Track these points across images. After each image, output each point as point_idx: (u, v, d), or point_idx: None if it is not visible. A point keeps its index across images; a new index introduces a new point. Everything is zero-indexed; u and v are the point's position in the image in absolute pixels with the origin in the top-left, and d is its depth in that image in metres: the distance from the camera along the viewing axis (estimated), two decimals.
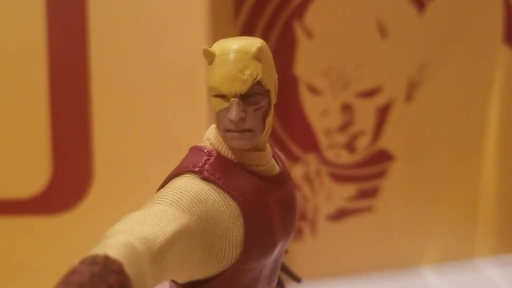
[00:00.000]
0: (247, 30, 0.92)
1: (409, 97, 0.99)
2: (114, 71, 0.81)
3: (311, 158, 0.98)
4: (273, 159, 0.40)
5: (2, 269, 0.84)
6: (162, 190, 0.35)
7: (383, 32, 0.96)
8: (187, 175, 0.36)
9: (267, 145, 0.40)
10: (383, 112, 0.98)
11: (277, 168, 0.40)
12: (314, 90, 0.96)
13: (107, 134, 0.83)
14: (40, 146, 0.83)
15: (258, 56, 0.36)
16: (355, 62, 0.95)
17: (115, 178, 0.84)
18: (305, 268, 1.01)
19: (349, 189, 1.00)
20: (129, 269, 0.27)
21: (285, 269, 0.48)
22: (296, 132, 0.97)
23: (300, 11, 0.93)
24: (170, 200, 0.33)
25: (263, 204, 0.37)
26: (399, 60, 0.97)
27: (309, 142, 0.97)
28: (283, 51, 0.94)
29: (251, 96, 0.36)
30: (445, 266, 1.06)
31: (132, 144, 0.82)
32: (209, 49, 0.37)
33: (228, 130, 0.36)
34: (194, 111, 0.79)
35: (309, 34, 0.94)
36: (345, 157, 0.99)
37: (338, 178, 0.99)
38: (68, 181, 0.84)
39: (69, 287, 0.25)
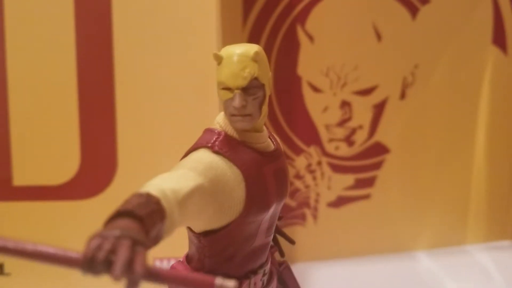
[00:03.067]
0: (254, 35, 1.00)
1: (403, 95, 1.05)
2: (136, 73, 0.90)
3: (313, 151, 1.06)
4: (269, 139, 0.50)
5: None
6: (183, 160, 0.45)
7: (379, 35, 1.02)
8: (202, 149, 0.46)
9: (264, 127, 0.49)
10: (379, 109, 1.04)
11: (272, 146, 0.50)
12: (315, 89, 1.03)
13: (130, 128, 0.91)
14: (71, 140, 0.91)
15: (255, 58, 0.46)
16: (353, 63, 1.01)
17: (136, 167, 0.92)
18: (307, 250, 1.09)
19: (348, 179, 1.07)
20: (164, 203, 0.36)
21: (281, 233, 0.57)
22: (300, 126, 1.04)
23: (302, 17, 0.99)
24: (189, 167, 0.43)
25: (260, 173, 0.46)
26: (394, 61, 1.03)
27: (311, 136, 1.04)
28: (287, 53, 1.00)
29: (250, 88, 0.46)
30: (438, 251, 1.13)
31: (151, 136, 0.91)
32: (218, 53, 0.47)
33: (233, 115, 0.46)
34: (206, 106, 0.87)
35: (310, 38, 1.01)
36: (344, 150, 1.06)
37: (338, 168, 1.06)
38: (94, 170, 0.92)
39: (122, 207, 0.34)
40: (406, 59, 1.04)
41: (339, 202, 1.08)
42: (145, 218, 0.33)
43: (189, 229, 0.47)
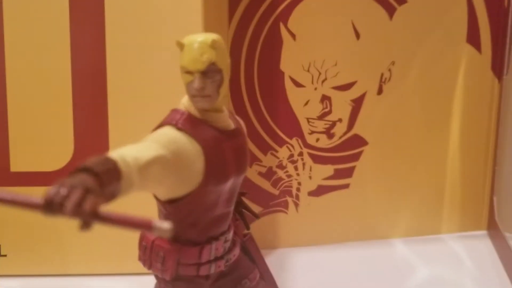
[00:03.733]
0: (239, 32, 1.05)
1: (380, 91, 1.10)
2: (126, 66, 0.95)
3: (295, 142, 1.11)
4: (229, 120, 0.56)
5: (32, 230, 0.99)
6: (149, 135, 0.51)
7: (357, 33, 1.06)
8: (167, 126, 0.52)
9: (224, 108, 0.55)
10: (358, 103, 1.09)
11: (232, 126, 0.56)
12: (297, 84, 1.08)
13: (121, 117, 0.97)
14: (65, 129, 0.97)
15: (213, 46, 0.52)
16: (333, 59, 1.06)
17: None
18: (290, 236, 1.15)
19: (328, 169, 1.12)
20: (121, 165, 0.42)
21: (247, 208, 0.63)
22: (282, 119, 1.09)
23: (285, 16, 1.04)
24: (153, 139, 0.49)
25: (219, 148, 0.53)
26: (372, 58, 1.07)
27: (293, 128, 1.09)
28: (270, 50, 1.05)
29: (208, 72, 0.52)
30: (413, 239, 1.18)
31: (142, 124, 0.96)
32: (180, 41, 0.53)
33: (194, 96, 0.52)
34: None
35: (293, 35, 1.05)
36: (324, 142, 1.11)
37: (318, 159, 1.11)
38: (87, 157, 0.99)
39: (82, 164, 0.39)
40: (383, 56, 1.09)
41: (320, 191, 1.13)
42: (101, 174, 0.38)
43: (156, 198, 0.53)
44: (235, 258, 0.58)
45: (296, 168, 1.12)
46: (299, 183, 1.12)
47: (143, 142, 0.49)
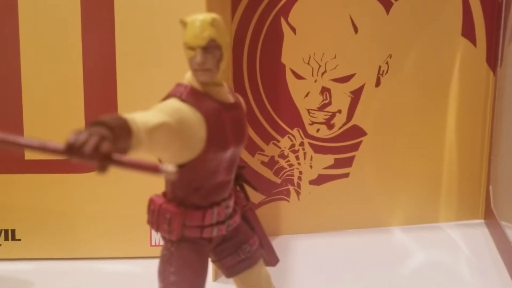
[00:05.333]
0: (242, 27, 1.08)
1: (378, 83, 1.13)
2: (135, 58, 1.00)
3: (296, 133, 1.14)
4: (229, 94, 0.60)
5: (45, 215, 1.04)
6: (155, 105, 0.55)
7: (355, 27, 1.10)
8: (172, 98, 0.57)
9: (224, 83, 0.60)
10: (356, 95, 1.13)
11: (232, 100, 0.60)
12: (298, 76, 1.11)
13: (130, 106, 1.01)
14: (77, 121, 1.00)
15: (212, 24, 0.57)
16: (332, 52, 1.10)
17: None
18: (291, 224, 1.18)
19: (328, 159, 1.16)
20: (131, 124, 0.46)
21: (246, 181, 0.67)
22: (284, 110, 1.12)
23: (285, 11, 1.08)
24: (159, 109, 0.54)
25: (219, 118, 0.57)
26: (370, 51, 1.11)
27: (295, 119, 1.13)
28: (272, 43, 1.09)
29: (209, 48, 0.57)
30: (411, 227, 1.21)
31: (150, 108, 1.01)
32: (184, 19, 0.57)
33: (195, 70, 0.57)
34: None
35: (293, 29, 1.09)
36: (324, 132, 1.15)
37: (319, 149, 1.15)
38: None
39: (97, 119, 0.43)
40: (380, 50, 1.12)
41: (320, 180, 1.17)
42: (114, 128, 0.43)
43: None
44: (236, 225, 0.62)
45: (297, 158, 1.15)
46: (301, 172, 1.16)
47: (151, 111, 0.53)
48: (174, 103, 0.56)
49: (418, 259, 1.08)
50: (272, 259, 0.67)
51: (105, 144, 0.39)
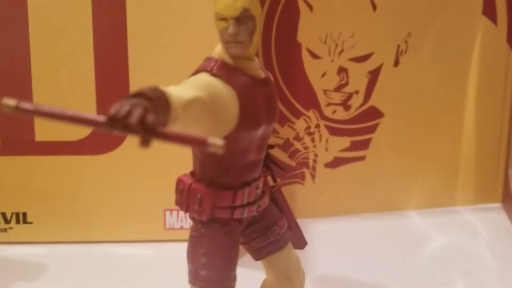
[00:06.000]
0: None
1: (396, 62, 1.11)
2: (148, 31, 0.98)
3: (312, 114, 1.12)
4: (260, 69, 0.58)
5: (57, 197, 1.02)
6: (184, 81, 0.53)
7: (374, 5, 1.07)
8: (202, 73, 0.54)
9: (255, 58, 0.57)
10: (374, 75, 1.10)
11: (263, 75, 0.58)
12: (314, 55, 1.09)
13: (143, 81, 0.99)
14: (88, 101, 0.99)
15: None
16: (349, 31, 1.07)
17: None
18: (305, 208, 1.17)
19: (344, 141, 1.14)
20: (169, 97, 0.44)
21: (273, 161, 0.65)
22: (299, 91, 1.10)
23: None
24: (190, 83, 0.51)
25: (251, 94, 0.55)
26: (388, 29, 1.08)
27: (310, 100, 1.10)
28: (287, 21, 1.06)
29: (242, 19, 0.54)
30: (428, 210, 1.20)
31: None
32: None
33: (227, 42, 0.54)
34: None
35: (310, 7, 1.06)
36: (341, 114, 1.12)
37: (335, 131, 1.13)
38: None
39: (135, 91, 0.41)
40: (399, 28, 1.09)
41: (336, 163, 1.15)
42: (153, 99, 0.40)
43: None
44: (265, 206, 0.60)
45: (312, 140, 1.13)
46: (316, 155, 1.14)
47: (181, 85, 0.51)
48: (205, 78, 0.54)
49: (436, 243, 1.07)
50: (300, 242, 0.65)
51: (150, 115, 0.37)
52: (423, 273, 0.94)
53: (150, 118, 0.36)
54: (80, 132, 1.01)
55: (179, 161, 1.00)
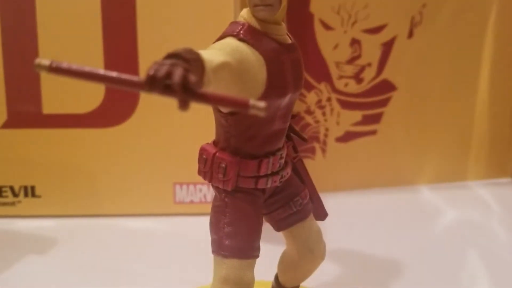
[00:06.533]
0: None
1: (410, 34, 1.09)
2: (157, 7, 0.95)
3: (323, 87, 1.11)
4: (286, 35, 0.56)
5: (65, 171, 1.01)
6: (211, 45, 0.51)
7: None
8: (228, 37, 0.52)
9: (283, 23, 0.55)
10: (387, 47, 1.08)
11: (289, 40, 0.55)
12: (327, 26, 1.06)
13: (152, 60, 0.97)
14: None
15: None
16: (363, 1, 1.04)
17: (157, 98, 0.99)
18: (316, 182, 1.14)
19: (356, 115, 1.12)
20: (204, 60, 0.42)
21: (295, 132, 0.63)
22: (311, 63, 1.08)
23: None
24: (218, 48, 0.49)
25: (279, 60, 0.53)
26: (402, 0, 1.06)
27: (322, 73, 1.08)
28: None
29: None
30: (439, 185, 1.19)
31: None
32: None
33: (256, 5, 0.52)
34: (221, 20, 0.91)
35: None
36: (353, 87, 1.11)
37: (347, 105, 1.11)
38: (118, 100, 0.99)
39: (172, 52, 0.39)
40: None
41: (347, 137, 1.13)
42: (191, 61, 0.38)
43: (218, 111, 0.53)
44: (288, 176, 0.59)
45: (324, 114, 1.11)
46: (327, 129, 1.12)
47: (209, 50, 0.49)
48: (232, 42, 0.51)
49: (448, 217, 1.06)
50: (322, 213, 0.64)
51: (191, 76, 0.35)
52: (435, 247, 0.94)
53: (192, 78, 0.34)
54: (89, 105, 0.99)
55: (189, 135, 0.99)
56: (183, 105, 0.34)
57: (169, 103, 1.06)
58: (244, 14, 0.54)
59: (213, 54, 0.47)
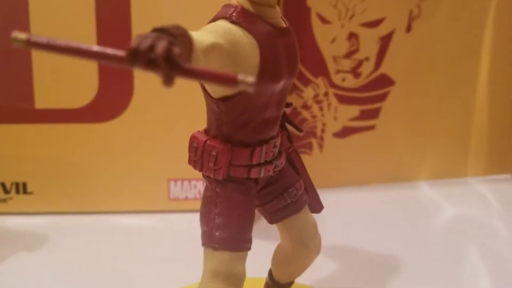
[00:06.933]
0: None
1: (409, 28, 1.07)
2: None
3: (320, 82, 1.09)
4: (281, 19, 0.54)
5: (58, 167, 0.99)
6: (202, 27, 0.49)
7: None
8: (220, 20, 0.50)
9: (277, 7, 0.53)
10: (385, 41, 1.07)
11: (284, 24, 0.54)
12: (324, 20, 1.05)
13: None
14: (89, 65, 0.94)
15: None
16: None
17: (152, 93, 0.97)
18: (313, 178, 1.13)
19: (354, 110, 1.11)
20: (192, 36, 0.41)
21: (290, 122, 0.61)
22: (308, 57, 1.06)
23: None
24: (209, 30, 0.48)
25: (273, 43, 0.51)
26: None
27: (319, 67, 1.07)
28: None
29: None
30: (439, 181, 1.17)
31: None
32: None
33: None
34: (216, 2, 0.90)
35: None
36: (350, 81, 1.09)
37: (344, 99, 1.10)
38: (112, 95, 0.97)
39: (158, 27, 0.37)
40: None
41: (345, 132, 1.12)
42: (178, 36, 0.37)
43: (209, 96, 0.52)
44: (282, 166, 0.57)
45: (321, 109, 1.10)
46: (324, 124, 1.11)
47: (200, 31, 0.47)
48: (225, 25, 0.50)
49: (447, 213, 1.05)
50: (317, 206, 0.62)
51: (176, 48, 0.33)
52: (435, 244, 0.92)
53: (176, 50, 0.32)
54: (82, 99, 0.98)
55: (184, 130, 0.97)
56: (167, 81, 0.32)
57: (164, 97, 1.04)
58: None
59: (203, 35, 0.45)
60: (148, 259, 0.85)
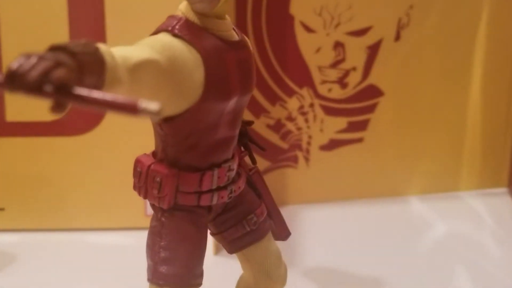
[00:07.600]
0: None
1: (398, 37, 1.04)
2: None
3: (305, 92, 1.06)
4: (233, 30, 0.50)
5: (29, 183, 0.95)
6: (141, 40, 0.45)
7: None
8: (162, 33, 0.46)
9: (227, 16, 0.49)
10: (373, 50, 1.03)
11: (236, 37, 0.50)
12: (308, 29, 1.02)
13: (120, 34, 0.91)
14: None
15: None
16: (347, 2, 1.00)
17: None
18: (299, 193, 1.10)
19: (341, 122, 1.07)
20: (105, 55, 0.36)
21: (253, 141, 0.57)
22: (292, 68, 1.03)
23: None
24: (146, 44, 0.44)
25: (221, 59, 0.47)
26: (389, 1, 1.01)
27: (304, 78, 1.03)
28: None
29: None
30: (430, 196, 1.13)
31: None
32: None
33: None
34: None
35: None
36: (337, 92, 1.06)
37: (331, 111, 1.06)
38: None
39: (52, 45, 0.34)
40: (401, 0, 1.02)
41: (332, 145, 1.08)
42: (77, 54, 0.33)
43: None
44: (240, 191, 0.53)
45: (306, 121, 1.07)
46: (310, 137, 1.07)
47: (134, 46, 0.43)
48: (165, 38, 0.46)
49: (438, 230, 1.00)
50: (283, 232, 0.57)
51: (59, 70, 0.29)
52: (424, 264, 0.88)
53: (58, 73, 0.28)
54: None
55: None
56: (56, 108, 0.28)
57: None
58: (182, 8, 0.49)
59: (135, 50, 0.41)
60: (125, 277, 0.81)
